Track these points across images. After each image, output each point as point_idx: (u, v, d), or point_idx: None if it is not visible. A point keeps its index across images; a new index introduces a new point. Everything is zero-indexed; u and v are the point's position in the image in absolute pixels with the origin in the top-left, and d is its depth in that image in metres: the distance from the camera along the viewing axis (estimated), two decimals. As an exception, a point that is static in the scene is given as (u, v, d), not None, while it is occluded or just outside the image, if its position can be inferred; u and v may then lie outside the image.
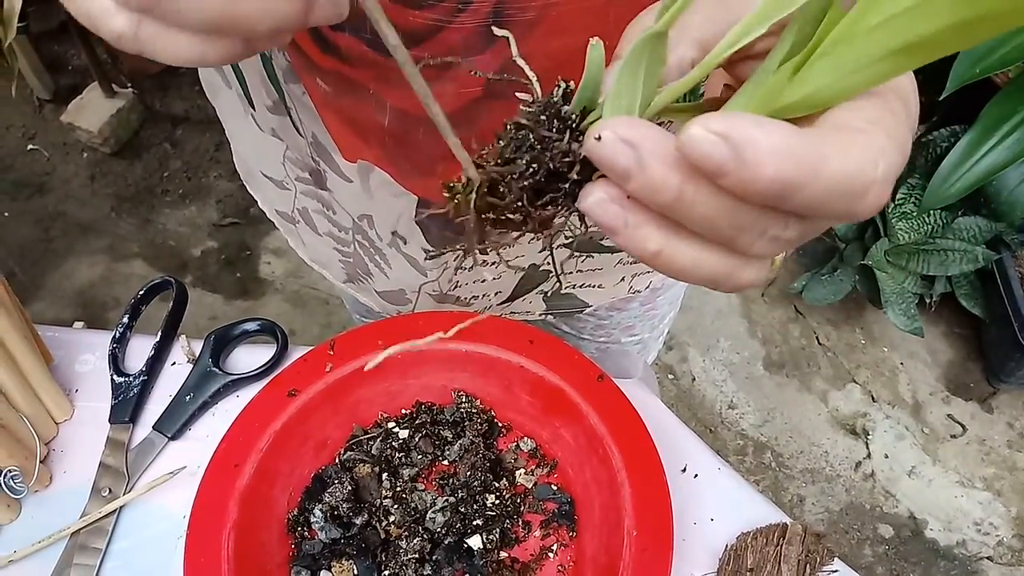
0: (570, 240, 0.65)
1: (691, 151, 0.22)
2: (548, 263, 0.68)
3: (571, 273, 0.70)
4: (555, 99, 0.27)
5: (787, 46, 0.24)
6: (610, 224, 0.25)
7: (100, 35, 0.27)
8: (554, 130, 0.27)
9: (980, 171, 1.32)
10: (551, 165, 0.26)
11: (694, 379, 1.78)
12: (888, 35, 0.21)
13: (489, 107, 0.48)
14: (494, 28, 0.31)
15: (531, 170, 0.26)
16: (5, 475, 0.60)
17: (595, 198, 0.25)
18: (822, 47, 0.23)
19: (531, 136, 0.26)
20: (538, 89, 0.28)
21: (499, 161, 0.27)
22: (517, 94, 0.28)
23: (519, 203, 0.27)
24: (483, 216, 0.28)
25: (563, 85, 0.28)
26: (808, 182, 0.22)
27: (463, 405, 0.64)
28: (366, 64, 0.48)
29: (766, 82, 0.24)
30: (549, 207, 0.27)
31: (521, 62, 0.28)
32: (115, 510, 0.61)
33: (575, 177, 0.26)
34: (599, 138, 0.23)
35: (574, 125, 0.27)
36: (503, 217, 0.28)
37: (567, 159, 0.26)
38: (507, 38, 0.28)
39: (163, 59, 0.27)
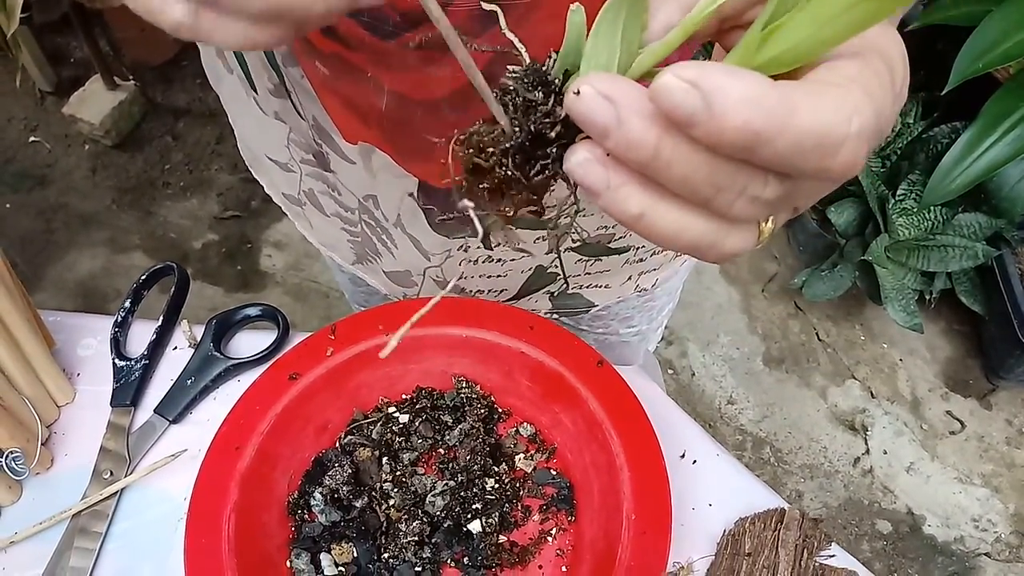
0: (578, 244, 0.65)
1: (662, 100, 0.22)
2: (555, 265, 0.68)
3: (578, 275, 0.70)
4: (541, 67, 0.27)
5: (771, 9, 0.24)
6: (593, 185, 0.25)
7: (158, 24, 0.28)
8: (538, 93, 0.27)
9: (981, 167, 1.32)
10: (533, 127, 0.27)
11: (694, 374, 1.78)
12: None
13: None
14: (483, 3, 0.31)
15: (515, 131, 0.27)
16: (7, 456, 0.60)
17: (577, 158, 0.25)
18: (800, 2, 0.23)
19: (516, 99, 0.27)
20: (526, 58, 0.28)
21: (483, 124, 0.28)
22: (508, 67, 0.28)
23: (506, 167, 0.27)
24: (478, 184, 0.28)
25: (553, 56, 0.28)
26: (777, 133, 0.22)
27: (463, 390, 0.65)
28: (364, 47, 0.48)
29: (746, 41, 0.24)
30: (538, 173, 0.28)
31: (510, 34, 0.28)
32: (116, 492, 0.62)
33: (560, 140, 0.27)
34: (578, 92, 0.23)
35: (557, 89, 0.27)
36: (495, 184, 0.28)
37: (550, 120, 0.27)
38: (495, 12, 0.28)
39: (216, 44, 0.28)
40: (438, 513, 0.59)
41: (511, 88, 0.27)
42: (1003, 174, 1.48)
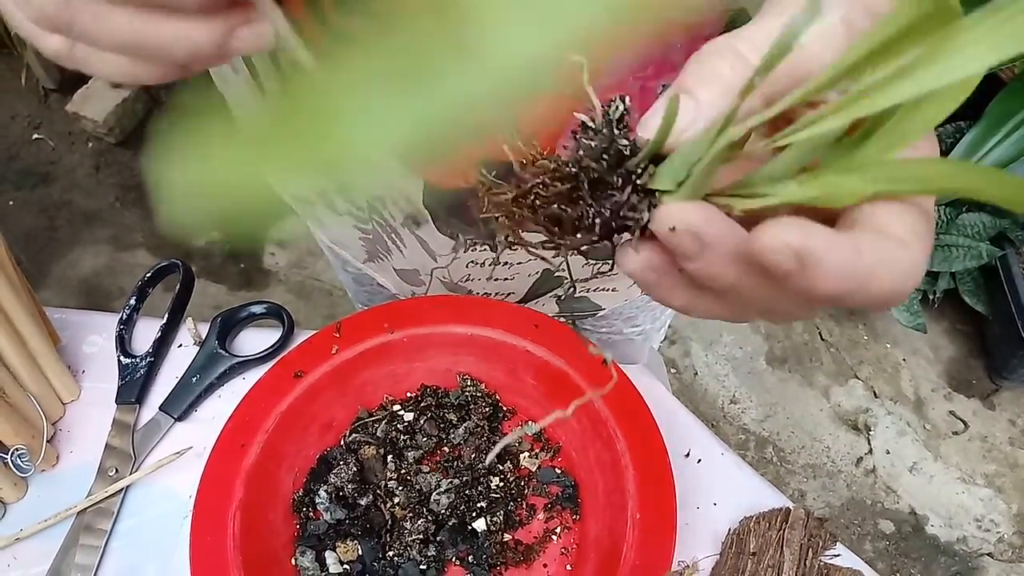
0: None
1: (763, 256, 0.23)
2: (562, 269, 0.68)
3: (586, 279, 0.70)
4: (617, 136, 0.26)
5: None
6: (644, 282, 0.27)
7: (41, 51, 0.29)
8: (616, 177, 0.26)
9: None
10: (598, 208, 0.27)
11: (696, 373, 1.78)
12: None
13: None
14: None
15: (578, 206, 0.27)
16: (12, 453, 0.60)
17: (639, 264, 0.27)
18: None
19: (588, 166, 0.26)
20: (599, 113, 0.27)
21: (545, 176, 0.27)
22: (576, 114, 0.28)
23: (548, 222, 0.27)
24: (510, 215, 0.28)
25: (619, 106, 0.27)
26: (855, 294, 0.24)
27: (468, 389, 0.65)
28: None
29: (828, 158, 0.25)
30: (578, 233, 0.27)
31: (590, 91, 0.27)
32: (121, 490, 0.62)
33: (617, 221, 0.27)
34: (673, 229, 0.25)
35: (635, 177, 0.26)
36: (525, 224, 0.28)
37: (617, 204, 0.26)
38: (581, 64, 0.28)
39: (99, 76, 0.29)
40: (443, 511, 0.59)
41: (582, 154, 0.26)
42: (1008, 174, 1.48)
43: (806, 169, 0.25)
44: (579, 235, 0.28)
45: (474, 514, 0.59)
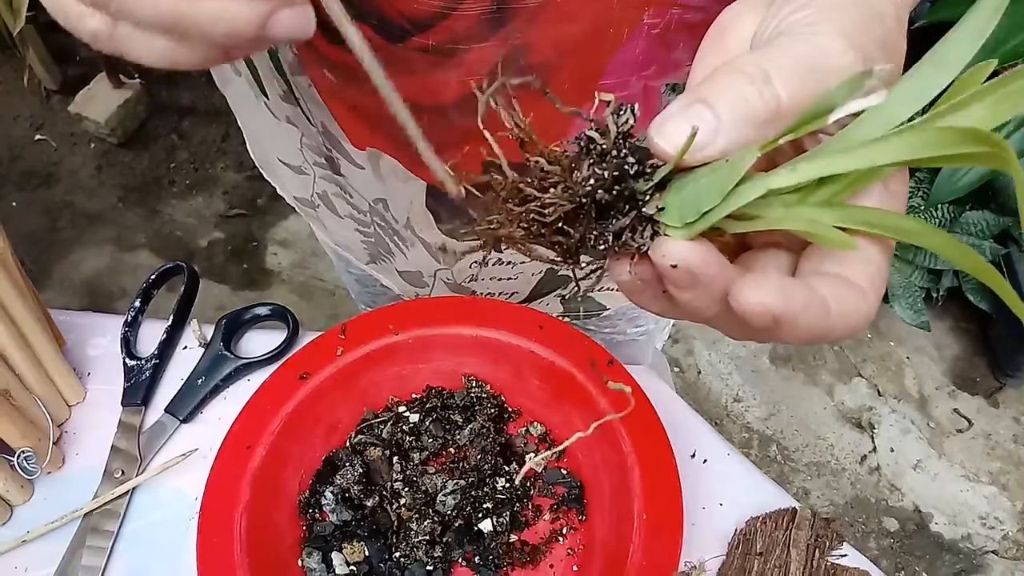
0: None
1: (745, 314, 0.25)
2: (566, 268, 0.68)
3: (590, 278, 0.70)
4: (627, 156, 0.27)
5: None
6: (629, 291, 0.30)
7: (77, 35, 0.28)
8: (623, 204, 0.27)
9: (988, 164, 1.32)
10: (601, 231, 0.28)
11: (700, 372, 1.78)
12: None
13: (494, 95, 0.48)
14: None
15: (581, 226, 0.28)
16: (19, 456, 0.60)
17: (631, 278, 0.29)
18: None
19: (596, 187, 0.27)
20: (609, 126, 0.28)
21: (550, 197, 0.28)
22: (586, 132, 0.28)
23: (549, 240, 0.28)
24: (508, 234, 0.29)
25: (629, 118, 0.28)
26: (814, 342, 0.27)
27: (473, 390, 0.65)
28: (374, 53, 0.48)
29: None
30: (578, 250, 0.29)
31: (608, 118, 0.28)
32: (127, 492, 0.62)
33: (618, 243, 0.28)
34: (675, 266, 0.26)
35: (642, 204, 0.27)
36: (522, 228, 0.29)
37: (621, 228, 0.27)
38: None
39: (137, 59, 0.28)
40: (449, 512, 0.59)
41: (592, 184, 0.27)
42: (1010, 172, 1.47)
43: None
44: (579, 252, 0.28)
45: (480, 515, 0.59)
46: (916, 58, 0.26)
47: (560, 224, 0.28)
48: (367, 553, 0.57)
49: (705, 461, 0.63)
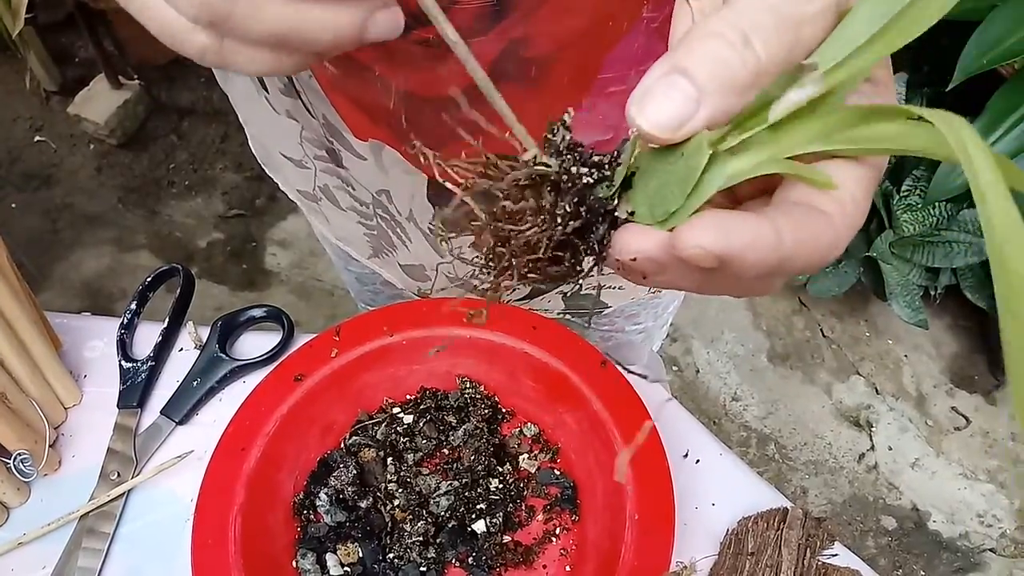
0: None
1: (686, 259, 0.25)
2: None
3: (592, 276, 0.70)
4: (578, 175, 0.27)
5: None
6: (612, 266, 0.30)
7: (182, 52, 0.29)
8: (595, 215, 0.28)
9: (985, 163, 1.31)
10: (576, 247, 0.28)
11: (698, 371, 1.78)
12: None
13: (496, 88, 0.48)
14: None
15: (555, 223, 0.28)
16: (15, 458, 0.60)
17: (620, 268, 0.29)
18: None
19: (566, 200, 0.28)
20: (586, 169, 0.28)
21: (510, 209, 0.28)
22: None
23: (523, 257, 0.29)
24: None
25: (563, 138, 0.28)
26: (778, 273, 0.27)
27: (467, 391, 0.65)
28: (372, 45, 0.48)
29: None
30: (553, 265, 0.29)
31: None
32: (123, 494, 0.62)
33: (596, 243, 0.28)
34: (634, 259, 0.27)
35: (610, 209, 0.28)
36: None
37: (595, 230, 0.28)
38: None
39: (242, 71, 0.30)
40: (443, 513, 0.59)
41: (560, 220, 0.28)
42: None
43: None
44: (575, 271, 0.29)
45: (474, 516, 0.59)
46: (918, 58, 0.27)
47: (551, 254, 0.28)
48: (361, 554, 0.58)
49: (698, 461, 0.64)
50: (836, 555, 0.58)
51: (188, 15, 0.27)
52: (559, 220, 0.27)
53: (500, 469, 0.62)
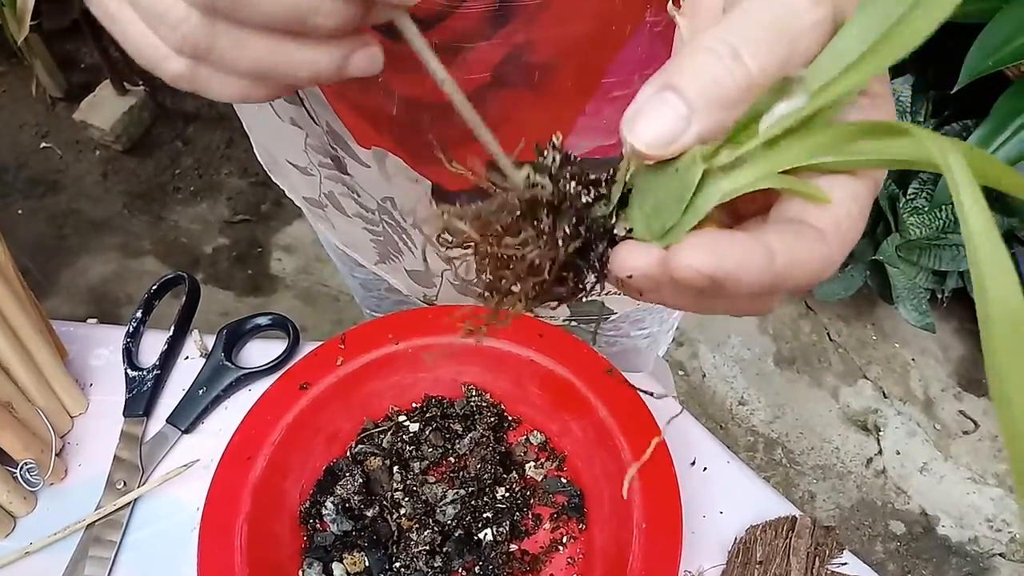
0: None
1: (679, 280, 0.25)
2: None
3: (595, 293, 0.70)
4: (576, 194, 0.27)
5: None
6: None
7: (155, 73, 0.29)
8: (594, 235, 0.28)
9: (992, 166, 1.31)
10: (578, 267, 0.28)
11: (704, 375, 1.78)
12: None
13: (497, 94, 0.48)
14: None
15: (556, 248, 0.28)
16: (21, 468, 0.60)
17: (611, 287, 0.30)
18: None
19: (568, 225, 0.27)
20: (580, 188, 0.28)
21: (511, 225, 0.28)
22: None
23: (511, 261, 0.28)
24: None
25: (554, 159, 0.28)
26: (773, 293, 0.27)
27: (473, 399, 0.65)
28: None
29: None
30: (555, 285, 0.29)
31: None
32: (129, 503, 0.62)
33: (597, 262, 0.28)
34: (630, 277, 0.27)
35: (612, 228, 0.28)
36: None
37: (595, 248, 0.28)
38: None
39: (214, 97, 0.30)
40: (449, 522, 0.59)
41: (561, 245, 0.27)
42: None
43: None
44: (579, 290, 0.29)
45: (480, 524, 0.59)
46: (922, 61, 0.26)
47: (555, 275, 0.28)
48: (367, 563, 0.58)
49: (705, 469, 0.63)
50: (845, 563, 0.57)
51: (171, 44, 0.27)
52: (560, 242, 0.27)
53: (506, 477, 0.61)
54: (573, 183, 0.27)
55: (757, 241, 0.25)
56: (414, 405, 0.66)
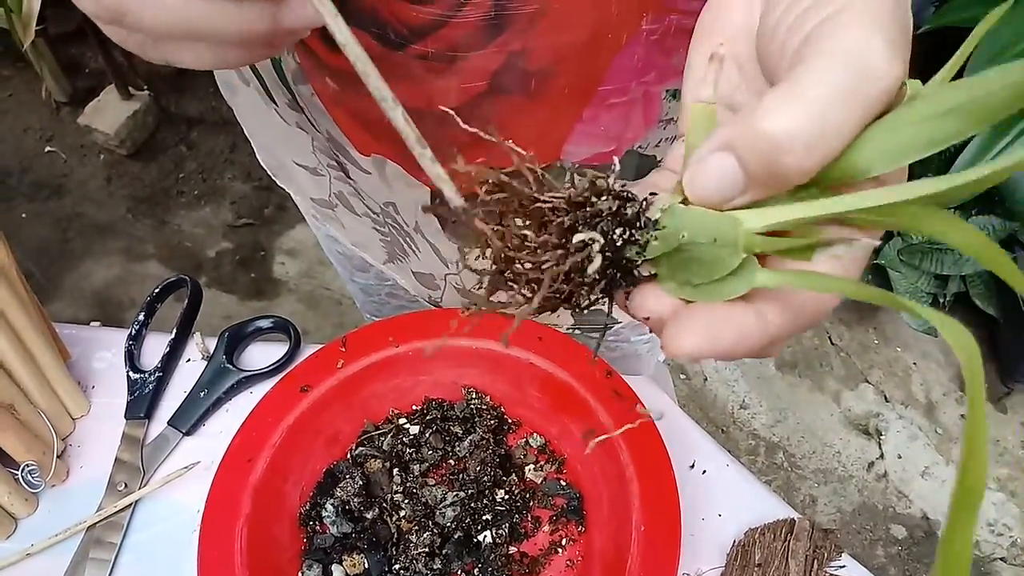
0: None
1: (673, 358, 0.27)
2: None
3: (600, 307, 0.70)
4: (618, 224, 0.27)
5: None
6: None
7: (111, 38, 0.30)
8: (616, 268, 0.28)
9: (994, 170, 1.31)
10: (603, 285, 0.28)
11: (706, 379, 1.78)
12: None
13: (493, 101, 0.49)
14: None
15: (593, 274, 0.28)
16: (23, 469, 0.61)
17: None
18: None
19: (604, 251, 0.27)
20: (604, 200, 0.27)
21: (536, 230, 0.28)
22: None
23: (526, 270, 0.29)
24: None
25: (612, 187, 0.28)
26: (766, 354, 0.28)
27: (473, 401, 0.65)
28: (372, 60, 0.48)
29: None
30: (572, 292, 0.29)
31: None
32: (130, 504, 0.62)
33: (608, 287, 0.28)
34: (647, 319, 0.28)
35: (637, 267, 0.28)
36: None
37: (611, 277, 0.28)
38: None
39: (185, 65, 0.30)
40: (448, 524, 0.59)
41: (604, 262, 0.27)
42: (1017, 176, 1.47)
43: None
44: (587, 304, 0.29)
45: (480, 527, 0.59)
46: (924, 65, 0.26)
47: (563, 284, 0.28)
48: (367, 565, 0.58)
49: (704, 472, 0.63)
50: (844, 566, 0.58)
51: (89, 12, 0.28)
52: (586, 281, 0.27)
53: (506, 480, 0.62)
54: (616, 228, 0.27)
55: (751, 313, 0.26)
56: (414, 408, 0.66)
